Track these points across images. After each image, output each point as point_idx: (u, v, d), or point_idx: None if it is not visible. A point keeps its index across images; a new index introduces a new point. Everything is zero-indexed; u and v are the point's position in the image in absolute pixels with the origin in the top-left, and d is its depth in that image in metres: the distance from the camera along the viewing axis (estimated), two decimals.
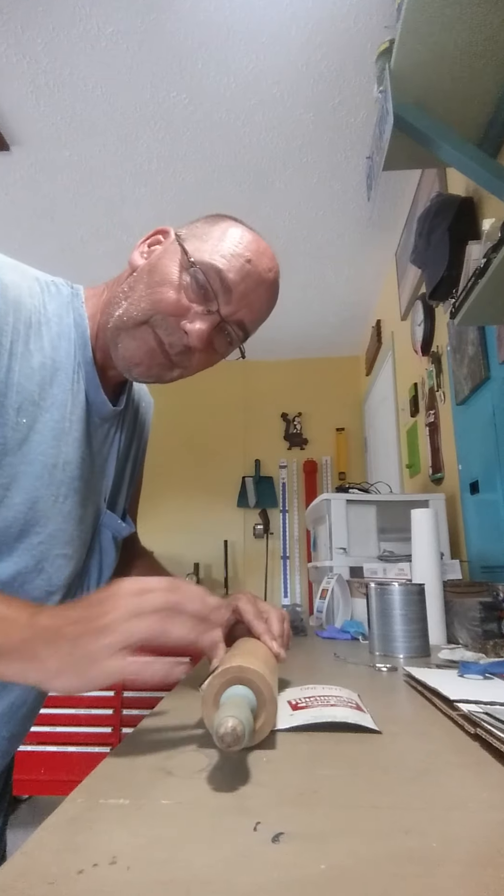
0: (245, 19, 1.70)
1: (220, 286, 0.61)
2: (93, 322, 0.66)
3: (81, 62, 1.83)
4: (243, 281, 0.62)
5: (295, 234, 2.73)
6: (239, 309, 0.63)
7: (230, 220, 0.66)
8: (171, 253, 0.63)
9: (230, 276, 0.61)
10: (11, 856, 0.28)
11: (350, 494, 1.87)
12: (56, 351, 0.61)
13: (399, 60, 1.21)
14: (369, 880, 0.25)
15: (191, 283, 0.61)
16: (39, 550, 0.60)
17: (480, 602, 1.03)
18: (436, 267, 1.67)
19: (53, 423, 0.60)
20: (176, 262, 0.62)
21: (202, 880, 0.25)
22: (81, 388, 0.64)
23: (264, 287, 0.64)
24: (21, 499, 0.57)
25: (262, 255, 0.64)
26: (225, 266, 0.61)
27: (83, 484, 0.64)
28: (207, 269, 0.60)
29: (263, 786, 0.36)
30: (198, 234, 0.64)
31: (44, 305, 0.61)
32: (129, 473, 0.79)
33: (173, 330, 0.61)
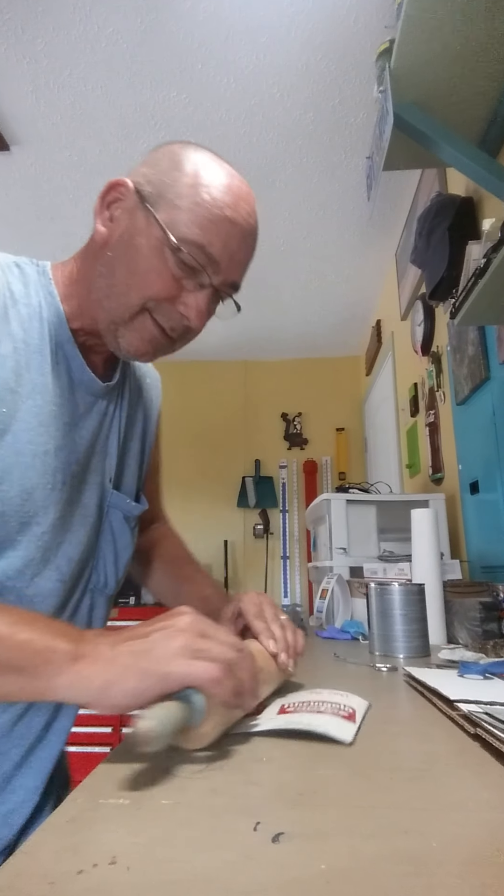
0: (245, 19, 1.70)
1: (208, 260, 0.57)
2: (67, 299, 0.62)
3: (81, 62, 1.83)
4: (228, 244, 0.57)
5: (295, 234, 2.73)
6: (229, 272, 0.59)
7: (194, 152, 0.60)
8: (143, 227, 0.57)
9: (216, 248, 0.57)
10: (11, 856, 0.28)
11: (350, 494, 1.87)
12: (28, 333, 0.57)
13: (399, 60, 1.21)
14: (369, 880, 0.25)
15: (176, 262, 0.56)
16: (44, 541, 0.58)
17: (480, 602, 1.03)
18: (436, 267, 1.67)
19: (37, 409, 0.57)
20: (152, 240, 0.56)
21: (202, 880, 0.25)
22: (63, 368, 0.61)
23: (249, 238, 0.60)
24: (16, 491, 0.55)
25: (241, 202, 0.58)
26: (208, 239, 0.56)
27: (80, 468, 0.63)
28: (191, 247, 0.56)
29: (263, 786, 0.36)
30: (168, 192, 0.57)
31: (7, 287, 0.58)
32: (137, 450, 0.76)
33: (171, 314, 0.58)
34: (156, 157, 0.61)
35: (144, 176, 0.60)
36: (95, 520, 0.66)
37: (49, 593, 0.59)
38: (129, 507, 0.71)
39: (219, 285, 0.59)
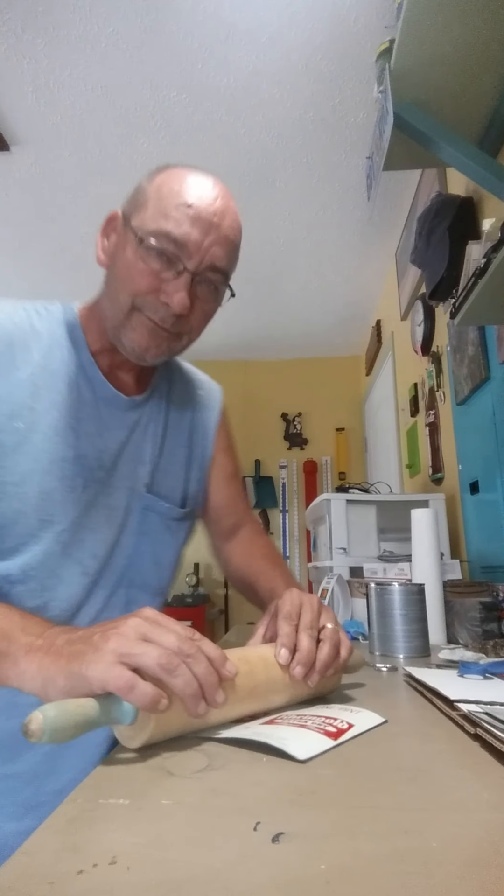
0: (245, 19, 1.70)
1: (175, 245, 0.61)
2: (88, 328, 0.70)
3: (81, 62, 1.83)
4: (193, 227, 0.61)
5: (295, 234, 2.73)
6: (203, 256, 0.62)
7: (165, 170, 0.66)
8: (123, 239, 0.64)
9: (179, 231, 0.61)
10: (11, 856, 0.28)
11: (350, 494, 1.87)
12: (48, 360, 0.65)
13: (399, 60, 1.21)
14: (369, 880, 0.25)
15: (149, 255, 0.61)
16: (65, 537, 0.64)
17: (480, 602, 1.03)
18: (436, 267, 1.67)
19: (55, 423, 0.64)
20: (130, 245, 0.63)
21: (202, 880, 0.25)
22: (86, 387, 0.68)
23: (216, 219, 0.63)
24: (35, 492, 0.62)
25: (203, 189, 0.63)
26: (171, 226, 0.61)
27: (105, 473, 0.68)
28: (156, 235, 0.61)
29: (263, 786, 0.36)
30: (139, 202, 0.64)
31: (31, 326, 0.66)
32: (183, 458, 0.80)
33: (157, 306, 0.63)
34: (138, 182, 0.68)
35: (127, 201, 0.67)
36: (123, 520, 0.71)
37: (71, 584, 0.65)
38: (166, 509, 0.75)
39: (195, 269, 0.62)
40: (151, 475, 0.74)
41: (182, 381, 0.83)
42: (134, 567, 0.72)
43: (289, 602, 0.59)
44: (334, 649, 0.56)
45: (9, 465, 0.61)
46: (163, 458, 0.76)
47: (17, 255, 2.89)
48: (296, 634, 0.55)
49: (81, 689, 0.41)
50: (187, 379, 0.85)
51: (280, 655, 0.53)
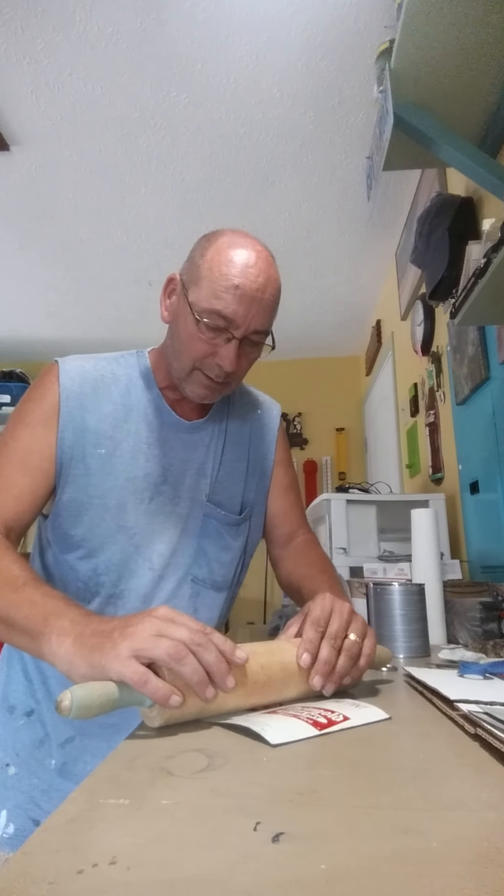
0: (245, 19, 1.69)
1: (225, 321, 0.74)
2: (157, 369, 0.86)
3: (81, 62, 1.83)
4: (240, 304, 0.74)
5: (295, 234, 2.73)
6: (247, 325, 0.75)
7: (215, 241, 0.78)
8: (182, 308, 0.78)
9: (229, 310, 0.74)
10: (11, 856, 0.27)
11: (350, 494, 1.87)
12: (126, 398, 0.83)
13: (399, 60, 1.21)
14: (369, 880, 0.25)
15: (205, 329, 0.75)
16: (137, 540, 0.80)
17: (480, 602, 1.03)
18: (436, 267, 1.67)
19: (130, 448, 0.81)
20: (189, 317, 0.76)
21: (202, 880, 0.25)
22: (155, 416, 0.84)
23: (259, 294, 0.75)
24: (113, 504, 0.79)
25: (248, 270, 0.75)
26: (222, 306, 0.74)
27: (170, 487, 0.83)
28: (210, 314, 0.75)
29: (263, 786, 0.36)
30: (193, 276, 0.77)
31: (111, 373, 0.84)
32: (241, 471, 0.92)
33: (212, 367, 0.78)
34: (192, 250, 0.81)
35: (185, 268, 0.81)
36: (186, 525, 0.84)
37: (141, 578, 0.80)
38: (223, 516, 0.88)
39: (242, 335, 0.76)
40: (212, 486, 0.87)
41: (241, 403, 0.96)
42: (196, 565, 0.84)
43: (319, 607, 0.61)
44: (351, 661, 0.58)
45: (94, 483, 0.78)
46: (222, 471, 0.89)
47: (18, 254, 2.89)
48: (320, 641, 0.57)
49: (101, 678, 0.47)
50: (247, 400, 0.97)
51: (302, 659, 0.56)
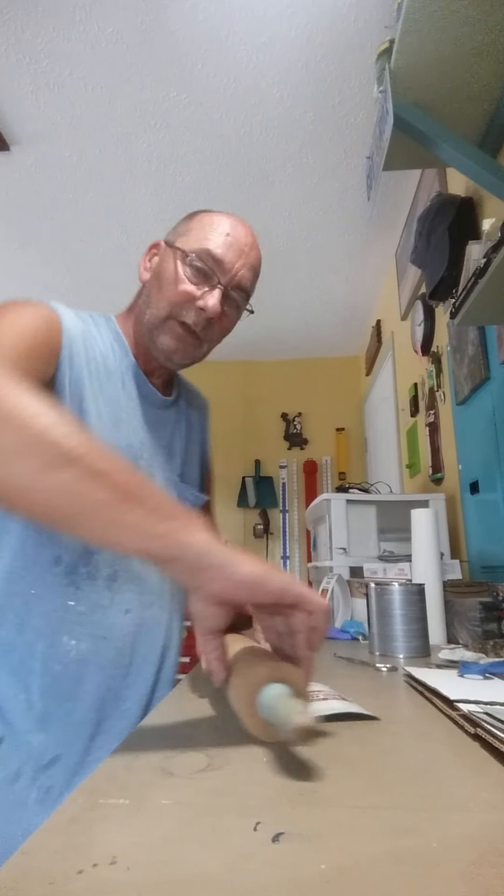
0: (245, 19, 1.70)
1: (213, 262, 0.74)
2: (128, 337, 0.82)
3: (81, 62, 1.83)
4: (230, 250, 0.74)
5: (295, 234, 2.73)
6: (234, 275, 0.75)
7: (202, 211, 0.79)
8: (167, 257, 0.77)
9: (218, 251, 0.74)
10: (11, 856, 0.28)
11: (350, 494, 1.87)
12: (106, 359, 0.77)
13: (399, 60, 1.21)
14: (369, 880, 0.25)
15: (191, 270, 0.74)
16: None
17: (480, 602, 1.03)
18: (436, 267, 1.67)
19: (111, 415, 0.75)
20: (174, 260, 0.75)
21: (202, 880, 0.25)
22: (131, 386, 0.79)
23: (247, 249, 0.76)
24: None
25: (238, 226, 0.77)
26: (211, 245, 0.74)
27: (145, 463, 0.78)
28: (199, 252, 0.74)
29: (263, 786, 0.36)
30: (181, 232, 0.78)
31: (93, 331, 0.78)
32: (198, 453, 0.93)
33: (193, 312, 0.74)
34: (176, 226, 0.81)
35: (169, 233, 0.81)
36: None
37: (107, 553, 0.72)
38: (195, 496, 0.87)
39: (227, 284, 0.74)
40: (182, 467, 0.87)
41: (186, 389, 0.95)
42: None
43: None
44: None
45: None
46: (188, 453, 0.89)
47: (17, 254, 2.89)
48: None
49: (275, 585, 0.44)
50: (189, 388, 0.97)
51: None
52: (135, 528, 0.42)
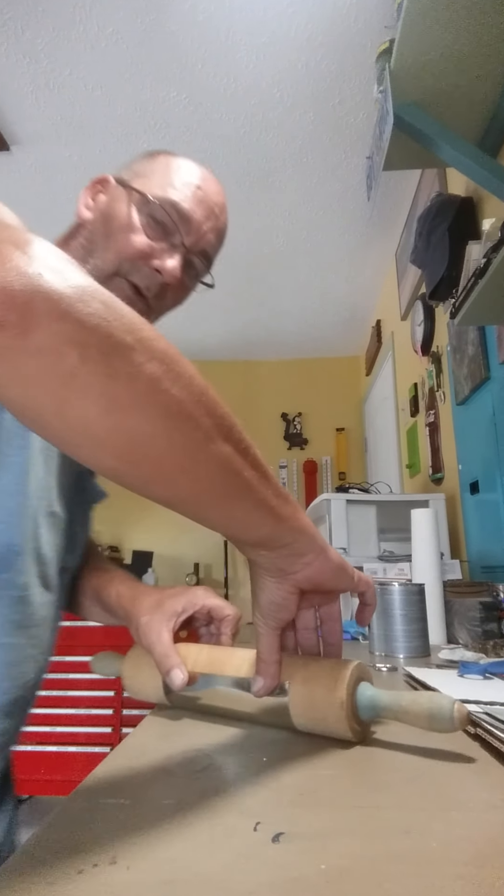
0: (245, 19, 1.70)
1: (179, 217, 0.61)
2: None
3: (81, 62, 1.83)
4: (199, 207, 0.62)
5: (295, 234, 2.73)
6: (200, 237, 0.63)
7: (166, 152, 0.67)
8: (120, 197, 0.63)
9: (186, 205, 0.61)
10: (11, 856, 0.28)
11: (350, 494, 1.87)
12: None
13: (399, 60, 1.21)
14: (369, 880, 0.25)
15: (149, 221, 0.61)
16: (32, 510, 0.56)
17: (480, 602, 1.03)
18: (436, 267, 1.67)
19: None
20: (129, 203, 0.62)
21: (202, 880, 0.25)
22: None
23: (217, 210, 0.65)
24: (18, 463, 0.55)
25: (210, 180, 0.65)
26: (179, 196, 0.61)
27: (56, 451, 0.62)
28: (163, 202, 0.61)
29: (263, 786, 0.36)
30: (140, 172, 0.64)
31: None
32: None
33: (146, 273, 0.61)
34: (132, 160, 0.69)
35: (125, 170, 0.67)
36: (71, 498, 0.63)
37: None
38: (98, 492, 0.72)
39: (191, 247, 0.62)
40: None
41: None
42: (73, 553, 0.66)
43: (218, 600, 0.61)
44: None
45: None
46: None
47: None
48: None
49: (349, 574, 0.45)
50: None
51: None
52: (269, 511, 0.38)
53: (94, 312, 0.28)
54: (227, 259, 3.12)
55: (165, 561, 3.73)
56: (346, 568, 0.45)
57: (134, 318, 0.31)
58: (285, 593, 0.42)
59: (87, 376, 0.28)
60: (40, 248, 0.29)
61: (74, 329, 0.27)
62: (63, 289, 0.27)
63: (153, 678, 0.53)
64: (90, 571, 0.69)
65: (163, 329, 0.82)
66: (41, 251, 0.28)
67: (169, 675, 0.49)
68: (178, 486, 0.34)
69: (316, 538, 0.42)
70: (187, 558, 3.80)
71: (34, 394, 0.28)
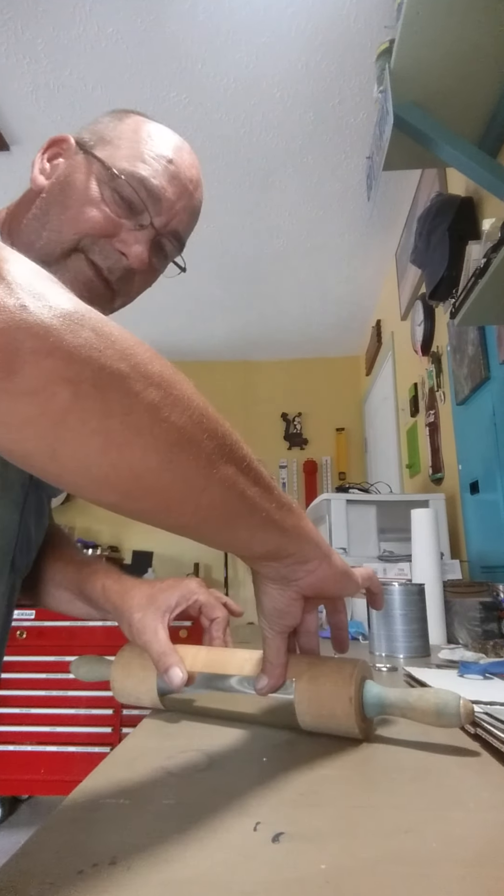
0: (245, 19, 1.70)
1: (148, 195, 0.55)
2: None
3: (81, 62, 1.83)
4: (170, 185, 0.56)
5: (295, 234, 2.73)
6: (171, 218, 0.57)
7: (136, 114, 0.61)
8: (81, 165, 0.56)
9: (156, 182, 0.55)
10: (11, 856, 0.28)
11: (350, 494, 1.87)
12: None
13: (399, 60, 1.21)
14: (369, 880, 0.25)
15: (114, 197, 0.55)
16: None
17: (480, 602, 1.03)
18: (436, 267, 1.67)
19: None
20: (90, 174, 0.55)
21: (202, 880, 0.25)
22: None
23: (191, 188, 0.59)
24: None
25: (183, 151, 0.59)
26: (149, 172, 0.55)
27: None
28: (130, 177, 0.54)
29: (263, 786, 0.36)
30: (106, 136, 0.57)
31: None
32: None
33: (109, 253, 0.55)
34: (97, 118, 0.62)
35: (86, 131, 0.60)
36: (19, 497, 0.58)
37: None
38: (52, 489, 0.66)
39: (160, 228, 0.57)
40: None
41: None
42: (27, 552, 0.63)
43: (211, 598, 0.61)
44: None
45: None
46: None
47: None
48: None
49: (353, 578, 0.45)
50: None
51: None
52: (274, 526, 0.37)
53: (85, 343, 0.26)
54: (227, 259, 3.10)
55: (165, 561, 3.73)
56: (349, 574, 0.44)
57: (126, 341, 0.28)
58: (289, 600, 0.42)
59: (80, 414, 0.25)
60: (18, 269, 0.26)
61: (64, 365, 0.25)
62: (49, 320, 0.25)
63: (146, 680, 0.52)
64: (66, 563, 0.66)
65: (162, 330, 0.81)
66: (20, 273, 0.25)
67: (167, 673, 0.48)
68: (181, 514, 0.33)
69: (320, 545, 0.41)
70: (187, 558, 3.80)
71: (23, 437, 0.25)
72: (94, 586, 0.60)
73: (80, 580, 0.62)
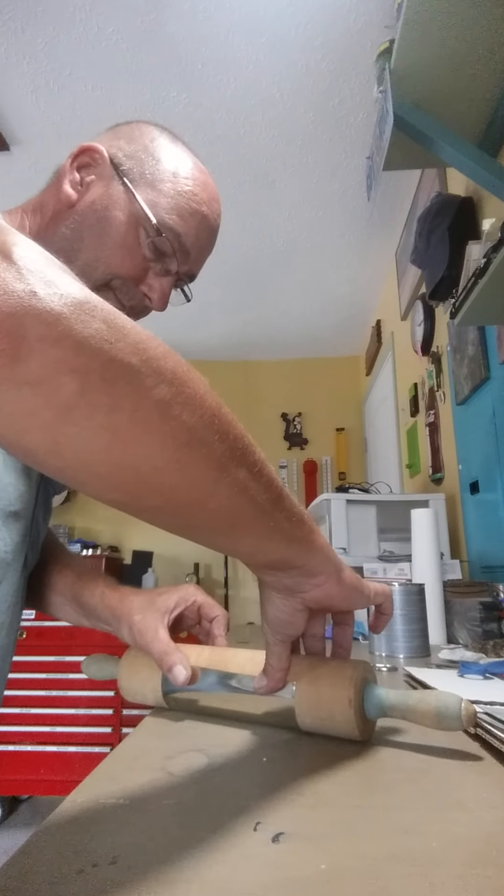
0: (245, 19, 1.69)
1: (179, 248, 0.59)
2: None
3: (81, 62, 1.83)
4: (199, 238, 0.60)
5: (295, 234, 2.73)
6: (192, 265, 0.62)
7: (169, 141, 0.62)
8: (121, 201, 0.57)
9: (189, 240, 0.59)
10: (11, 856, 0.28)
11: (350, 494, 1.87)
12: None
13: (399, 60, 1.21)
14: (369, 880, 0.25)
15: (150, 246, 0.58)
16: None
17: (480, 602, 1.03)
18: (436, 267, 1.67)
19: None
20: (131, 217, 0.57)
21: (202, 880, 0.25)
22: None
23: (214, 235, 0.63)
24: None
25: (213, 201, 0.62)
26: (184, 230, 0.58)
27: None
28: (169, 232, 0.57)
29: (263, 786, 0.36)
30: (146, 172, 0.58)
31: None
32: None
33: (134, 294, 0.59)
34: (131, 134, 0.62)
35: (121, 150, 0.61)
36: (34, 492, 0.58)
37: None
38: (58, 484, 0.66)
39: (182, 274, 0.62)
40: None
41: None
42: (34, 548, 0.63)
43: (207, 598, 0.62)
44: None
45: None
46: None
47: None
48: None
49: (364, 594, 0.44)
50: None
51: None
52: (283, 536, 0.37)
53: (95, 334, 0.25)
54: (228, 259, 3.10)
55: (165, 561, 3.73)
56: (360, 589, 0.43)
57: (139, 335, 0.27)
58: (292, 610, 0.42)
59: (86, 407, 0.24)
60: (28, 253, 0.25)
61: (73, 355, 0.24)
62: (59, 308, 0.24)
63: (150, 679, 0.53)
64: (64, 567, 0.66)
65: (162, 330, 0.82)
66: (30, 258, 0.24)
67: (171, 671, 0.48)
68: (188, 516, 0.32)
69: (330, 559, 0.41)
70: (187, 558, 3.80)
71: (25, 429, 0.24)
72: (93, 593, 0.60)
73: (78, 586, 0.62)
